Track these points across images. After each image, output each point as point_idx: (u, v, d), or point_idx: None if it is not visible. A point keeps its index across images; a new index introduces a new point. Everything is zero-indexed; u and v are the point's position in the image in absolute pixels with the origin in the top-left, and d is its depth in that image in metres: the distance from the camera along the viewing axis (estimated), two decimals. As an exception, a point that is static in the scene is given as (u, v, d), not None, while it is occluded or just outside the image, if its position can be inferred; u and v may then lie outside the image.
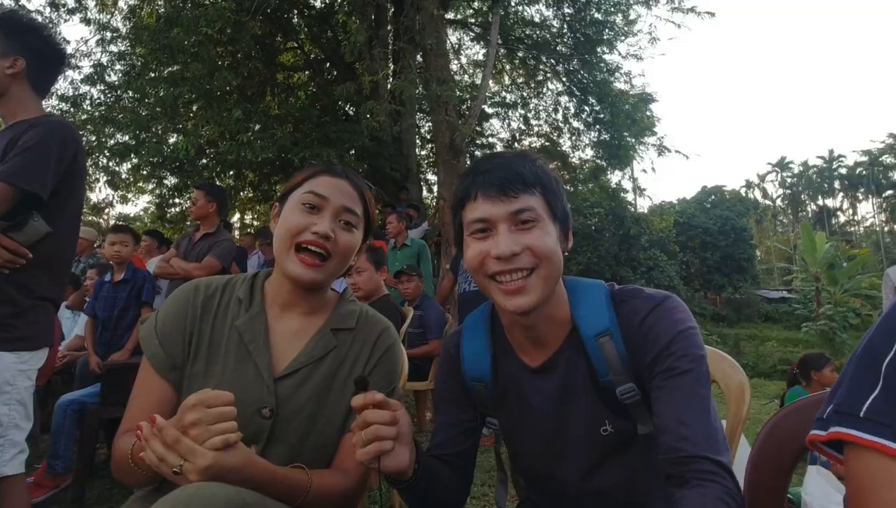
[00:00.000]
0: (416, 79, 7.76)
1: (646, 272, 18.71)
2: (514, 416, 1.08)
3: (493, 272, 0.92)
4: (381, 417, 0.87)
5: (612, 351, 0.95)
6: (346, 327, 1.14)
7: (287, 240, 1.06)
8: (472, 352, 1.09)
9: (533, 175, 0.94)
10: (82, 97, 8.93)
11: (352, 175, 1.15)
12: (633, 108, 11.67)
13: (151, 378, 1.04)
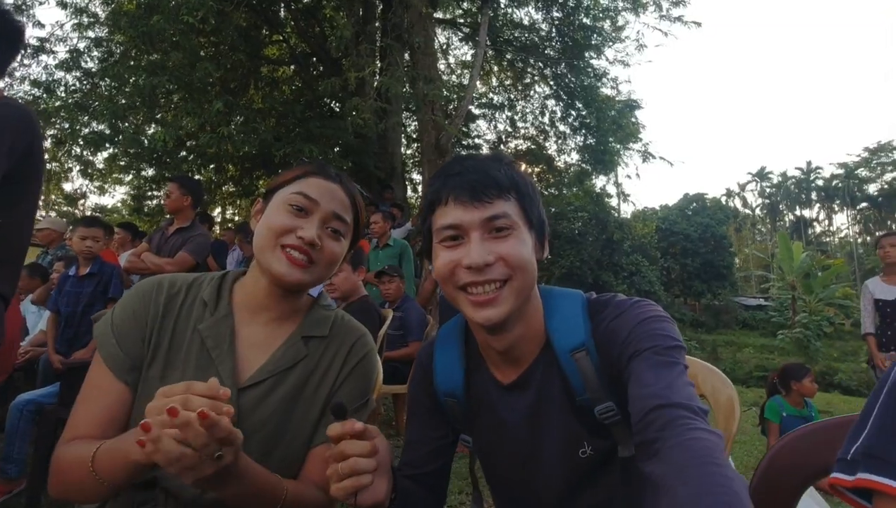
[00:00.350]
0: (402, 76, 7.66)
1: (627, 277, 18.87)
2: (487, 435, 1.02)
3: (464, 283, 0.87)
4: (360, 449, 0.79)
5: (589, 366, 0.89)
6: (319, 334, 1.06)
7: (270, 239, 0.98)
8: (444, 365, 1.03)
9: (508, 179, 0.90)
10: (56, 83, 8.63)
11: (345, 180, 1.08)
12: (619, 114, 11.74)
13: (106, 378, 0.94)
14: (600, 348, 0.89)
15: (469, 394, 1.01)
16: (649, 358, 0.80)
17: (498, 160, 0.93)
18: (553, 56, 11.10)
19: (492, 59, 11.99)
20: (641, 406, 0.75)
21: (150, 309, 0.99)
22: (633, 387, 0.79)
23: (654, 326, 0.85)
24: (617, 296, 0.95)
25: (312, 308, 1.11)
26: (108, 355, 0.95)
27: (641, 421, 0.73)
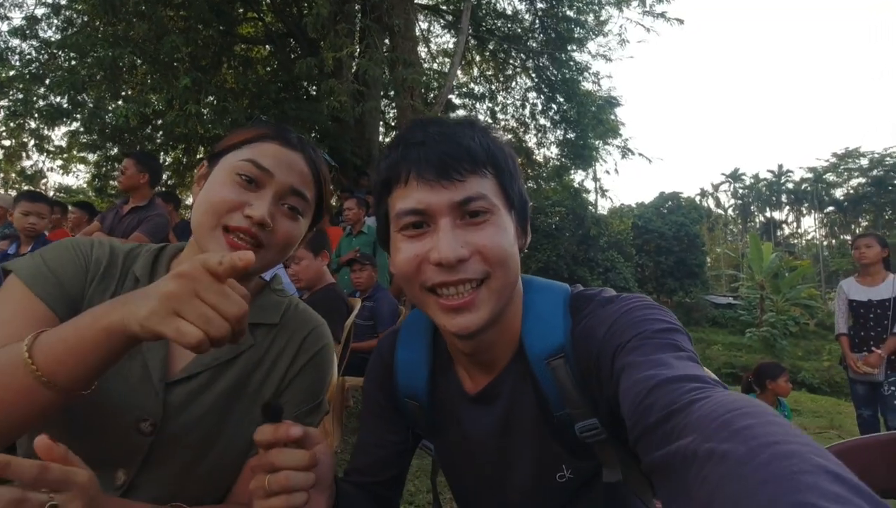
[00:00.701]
0: (382, 60, 7.42)
1: (603, 273, 19.00)
2: (451, 447, 0.89)
3: (433, 283, 0.70)
4: (296, 460, 0.64)
5: (567, 376, 0.74)
6: (268, 322, 0.90)
7: (211, 216, 0.79)
8: (407, 362, 0.88)
9: (483, 149, 0.72)
10: (10, 51, 8.12)
11: (308, 146, 0.90)
12: (600, 110, 11.71)
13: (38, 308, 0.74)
14: (577, 351, 0.74)
15: (433, 398, 0.87)
16: (638, 346, 0.64)
17: (470, 125, 0.75)
18: (535, 48, 10.98)
19: (474, 48, 11.82)
20: (636, 392, 0.56)
21: (91, 263, 0.82)
22: (623, 383, 0.61)
23: (640, 314, 0.69)
24: (604, 290, 0.80)
25: (262, 292, 0.94)
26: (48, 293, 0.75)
27: (638, 408, 0.54)
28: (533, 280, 0.84)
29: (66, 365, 0.60)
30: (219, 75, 9.38)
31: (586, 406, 0.74)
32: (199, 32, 8.31)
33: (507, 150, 0.76)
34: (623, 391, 0.60)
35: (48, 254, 0.80)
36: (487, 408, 0.82)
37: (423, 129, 0.73)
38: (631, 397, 0.57)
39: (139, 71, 8.31)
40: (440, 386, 0.87)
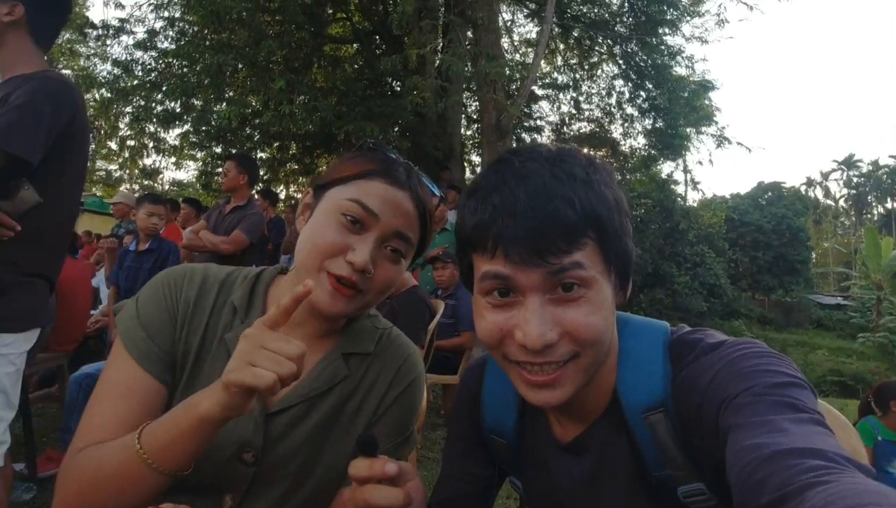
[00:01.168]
0: (464, 54, 7.44)
1: (691, 268, 17.94)
2: (539, 493, 0.84)
3: (520, 360, 0.65)
4: (391, 499, 0.64)
5: (667, 433, 0.67)
6: (362, 351, 0.91)
7: (315, 258, 0.80)
8: (494, 399, 0.84)
9: (584, 214, 0.62)
10: (135, 63, 9.03)
11: (417, 184, 0.86)
12: (693, 95, 11.00)
13: (138, 376, 0.79)
14: (678, 404, 0.66)
15: (521, 439, 0.83)
16: (747, 403, 0.56)
17: (570, 176, 0.63)
18: (623, 33, 10.51)
19: (557, 36, 11.51)
20: (745, 463, 0.50)
21: (180, 304, 0.84)
22: (729, 447, 0.54)
23: (751, 363, 0.61)
24: (709, 334, 0.71)
25: (356, 318, 0.93)
26: (139, 353, 0.79)
27: (747, 482, 0.48)
28: (629, 321, 0.76)
29: (170, 451, 0.67)
30: (309, 75, 9.84)
31: (690, 468, 0.67)
32: (292, 35, 8.77)
33: (613, 199, 0.66)
34: (730, 457, 0.54)
35: (143, 304, 0.84)
36: (577, 459, 0.77)
37: (512, 190, 0.63)
38: (738, 468, 0.51)
39: (240, 75, 8.93)
40: (529, 429, 0.83)
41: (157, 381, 0.79)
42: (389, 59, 7.52)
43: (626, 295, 0.71)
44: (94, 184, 18.16)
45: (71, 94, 1.59)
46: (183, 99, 8.17)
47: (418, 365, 0.96)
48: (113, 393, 0.78)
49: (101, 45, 10.10)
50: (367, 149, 0.89)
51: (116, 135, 10.92)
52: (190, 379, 0.83)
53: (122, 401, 0.77)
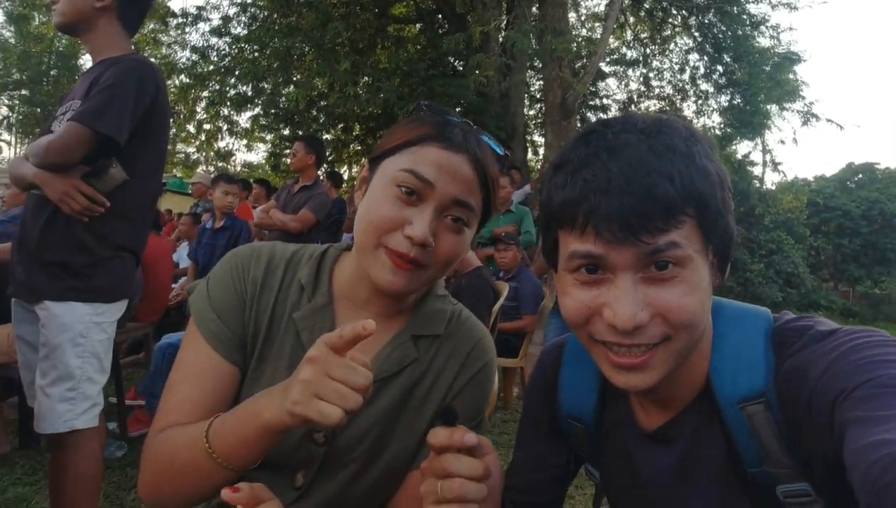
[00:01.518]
0: (530, 30, 7.24)
1: (766, 256, 16.86)
2: (619, 482, 0.79)
3: (607, 341, 0.61)
4: (471, 470, 0.62)
5: (767, 426, 0.61)
6: (432, 333, 0.87)
7: (371, 235, 0.76)
8: (573, 383, 0.80)
9: (686, 189, 0.57)
10: (210, 49, 9.46)
11: (473, 144, 0.79)
12: (777, 69, 10.20)
13: (210, 358, 0.80)
14: (782, 396, 0.60)
15: (601, 425, 0.79)
16: (870, 396, 0.50)
17: (668, 149, 0.58)
18: (701, 2, 9.84)
19: (627, 8, 10.97)
20: (870, 462, 0.45)
21: (248, 284, 0.83)
22: (849, 444, 0.49)
23: (874, 353, 0.54)
24: (819, 321, 0.64)
25: (425, 299, 0.90)
26: (210, 333, 0.80)
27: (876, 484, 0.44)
28: (725, 306, 0.70)
29: (237, 453, 0.67)
30: (373, 56, 9.95)
31: (793, 465, 0.61)
32: (357, 17, 8.88)
33: (716, 173, 0.60)
34: (850, 455, 0.48)
35: (213, 286, 0.84)
36: (664, 449, 0.71)
37: (605, 164, 0.58)
38: (863, 467, 0.46)
39: (307, 58, 9.16)
40: (610, 414, 0.78)
41: (228, 362, 0.80)
42: (453, 37, 7.46)
43: (724, 277, 0.65)
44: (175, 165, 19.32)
45: (153, 76, 1.66)
46: (254, 82, 8.51)
47: (490, 349, 0.92)
48: (187, 374, 0.80)
49: (181, 32, 10.63)
50: (421, 112, 0.84)
51: (194, 119, 11.54)
52: (259, 358, 0.83)
53: (195, 383, 0.79)
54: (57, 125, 1.64)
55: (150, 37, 11.41)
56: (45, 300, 1.57)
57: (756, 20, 9.86)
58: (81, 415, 1.60)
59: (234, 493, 0.60)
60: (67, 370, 1.57)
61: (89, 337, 1.61)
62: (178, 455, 0.72)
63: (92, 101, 1.54)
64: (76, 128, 1.52)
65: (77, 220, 1.58)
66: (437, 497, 0.63)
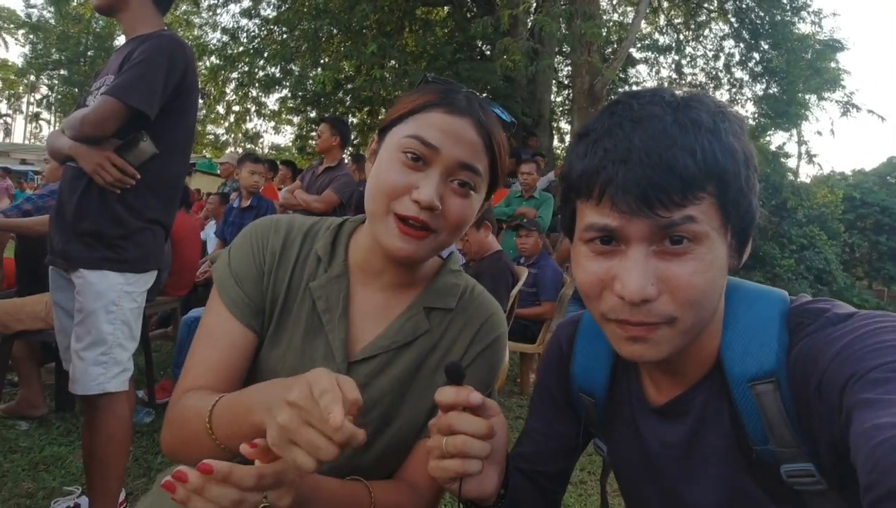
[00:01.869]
0: (559, 14, 7.11)
1: (797, 251, 16.38)
2: (625, 456, 0.81)
3: (617, 318, 0.61)
4: (475, 427, 0.64)
5: (776, 405, 0.61)
6: (444, 306, 0.89)
7: (380, 202, 0.78)
8: (586, 356, 0.81)
9: (706, 165, 0.56)
10: (240, 30, 9.56)
11: (477, 109, 0.81)
12: (817, 57, 9.82)
13: (228, 323, 0.83)
14: (794, 376, 0.60)
15: (611, 398, 0.80)
16: (883, 379, 0.49)
17: (694, 123, 0.57)
18: (739, -14, 9.53)
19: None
20: (878, 442, 0.45)
21: (267, 254, 0.86)
22: (857, 425, 0.48)
23: (887, 338, 0.53)
24: (836, 304, 0.64)
25: (439, 272, 0.92)
26: (230, 299, 0.83)
27: (880, 464, 0.44)
28: (741, 286, 0.69)
29: (234, 442, 0.66)
30: (401, 40, 9.91)
31: (798, 446, 0.61)
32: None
33: (742, 152, 0.59)
34: (856, 436, 0.48)
35: (234, 254, 0.86)
36: (671, 424, 0.72)
37: (626, 133, 0.58)
38: (870, 447, 0.45)
39: (335, 40, 9.19)
40: (620, 388, 0.79)
41: (245, 327, 0.83)
42: (480, 20, 7.38)
43: (742, 259, 0.65)
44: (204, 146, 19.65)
45: (183, 53, 1.70)
46: (282, 64, 8.57)
47: (501, 324, 0.93)
48: (207, 337, 0.83)
49: (212, 14, 10.77)
50: (426, 83, 0.86)
51: (223, 100, 11.71)
52: (277, 325, 0.85)
53: (214, 348, 0.82)
54: (91, 99, 1.69)
55: (182, 18, 11.57)
56: (80, 268, 1.64)
57: (797, 5, 9.49)
58: (113, 379, 1.67)
59: (253, 448, 0.61)
60: (100, 335, 1.65)
61: (121, 306, 1.68)
62: (187, 426, 0.75)
63: (124, 76, 1.60)
64: (109, 102, 1.57)
65: (110, 193, 1.64)
66: (441, 452, 0.65)
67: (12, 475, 2.15)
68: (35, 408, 2.70)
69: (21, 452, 2.35)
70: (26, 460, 2.28)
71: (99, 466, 1.70)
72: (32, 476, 2.17)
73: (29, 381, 2.70)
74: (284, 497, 0.62)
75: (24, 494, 2.04)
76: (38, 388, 2.73)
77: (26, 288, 2.87)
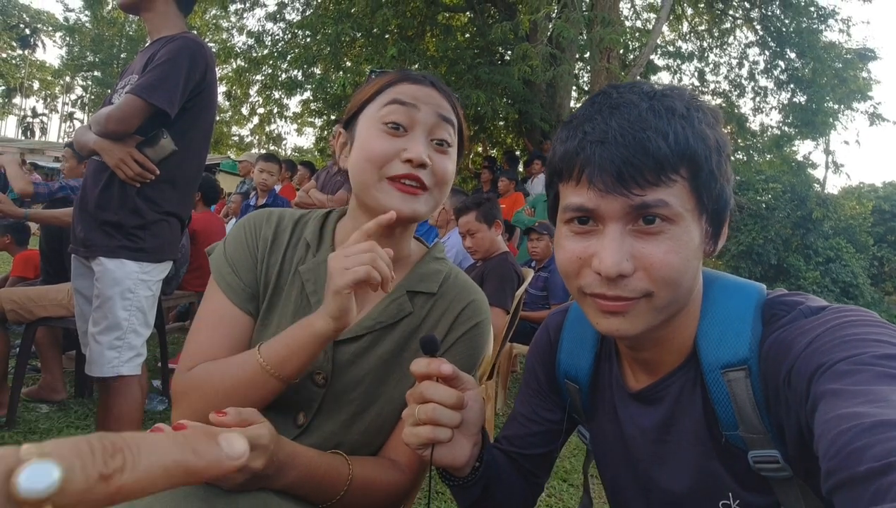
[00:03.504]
0: (579, 20, 7.12)
1: (823, 264, 15.99)
2: (604, 439, 0.83)
3: (592, 293, 0.64)
4: (444, 396, 0.68)
5: (745, 393, 0.63)
6: (426, 290, 0.93)
7: (371, 172, 0.83)
8: (572, 343, 0.84)
9: (678, 148, 0.59)
10: (265, 34, 9.78)
11: (437, 81, 0.89)
12: (846, 66, 9.61)
13: (227, 307, 0.88)
14: (765, 366, 0.62)
15: (594, 384, 0.83)
16: (849, 371, 0.51)
17: (668, 110, 0.61)
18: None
19: (685, 0, 10.58)
20: (841, 430, 0.46)
21: (259, 242, 0.92)
22: (822, 413, 0.50)
23: (859, 331, 0.55)
24: (811, 298, 0.66)
25: (423, 259, 0.96)
26: (227, 285, 0.88)
27: (843, 450, 0.45)
28: (720, 278, 0.72)
29: (290, 362, 0.77)
30: (422, 44, 10.01)
31: (766, 433, 0.63)
32: (407, 4, 8.96)
33: (715, 140, 0.62)
34: (821, 424, 0.49)
35: (229, 243, 0.92)
36: (646, 409, 0.75)
37: (604, 117, 0.62)
38: (832, 435, 0.47)
39: (357, 44, 9.33)
40: (602, 374, 0.82)
41: (242, 311, 0.88)
42: (500, 25, 7.41)
43: (717, 247, 0.68)
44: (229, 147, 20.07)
45: (203, 54, 1.79)
46: (305, 67, 8.72)
47: (483, 310, 0.96)
48: (208, 321, 0.88)
49: (239, 18, 11.05)
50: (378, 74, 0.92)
51: (248, 102, 11.97)
52: (269, 307, 0.90)
53: (214, 329, 0.87)
54: (117, 97, 1.78)
55: (211, 23, 11.87)
56: (99, 256, 1.73)
57: (825, 12, 9.31)
58: (126, 363, 1.75)
59: (222, 416, 0.67)
60: (116, 320, 1.73)
61: (136, 293, 1.76)
62: (229, 375, 0.80)
63: (148, 76, 1.68)
64: (133, 101, 1.66)
65: (130, 186, 1.73)
66: (414, 419, 0.69)
67: (32, 454, 2.25)
68: (56, 393, 2.82)
69: (40, 433, 2.46)
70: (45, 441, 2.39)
71: (111, 445, 1.78)
72: (50, 455, 2.27)
73: (51, 367, 2.82)
74: (257, 460, 0.66)
75: (42, 472, 2.14)
76: (59, 374, 2.85)
77: (51, 278, 3.00)
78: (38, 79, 51.68)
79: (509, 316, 2.67)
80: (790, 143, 11.39)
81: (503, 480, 0.84)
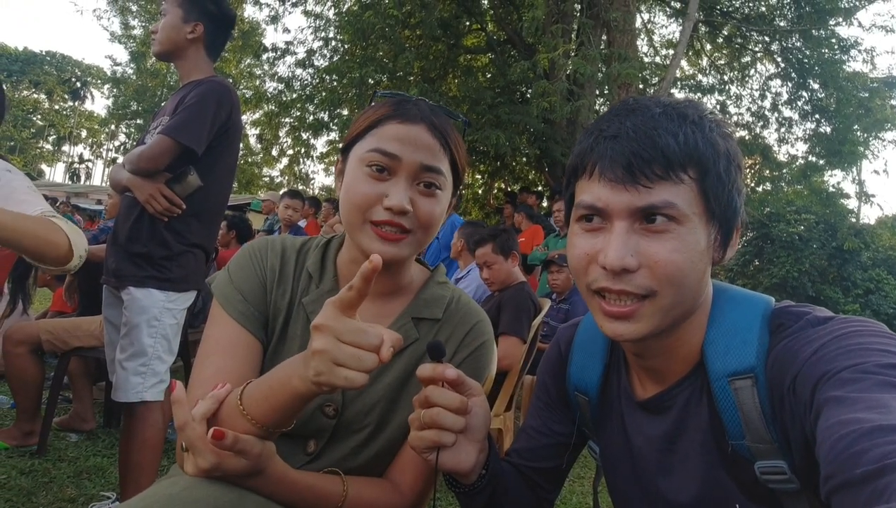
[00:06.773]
0: (597, 57, 7.28)
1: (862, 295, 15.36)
2: (612, 449, 0.83)
3: (598, 287, 0.66)
4: (448, 401, 0.69)
5: (752, 401, 0.64)
6: (431, 317, 0.93)
7: (355, 214, 0.84)
8: (582, 356, 0.86)
9: (686, 148, 0.62)
10: (294, 79, 10.28)
11: (429, 114, 0.86)
12: (872, 95, 9.51)
13: (239, 334, 0.86)
14: (771, 375, 0.63)
15: (603, 396, 0.84)
16: (852, 379, 0.52)
17: (680, 116, 0.64)
18: (784, 26, 9.43)
19: (704, 36, 10.72)
20: (841, 435, 0.47)
21: (267, 271, 0.91)
22: (824, 420, 0.51)
23: (863, 341, 0.56)
24: (818, 309, 0.67)
25: (426, 285, 0.96)
26: (238, 312, 0.86)
27: (842, 454, 0.46)
28: (729, 289, 0.73)
29: (271, 417, 0.70)
30: (444, 85, 10.34)
31: (772, 442, 0.63)
32: (429, 48, 9.32)
33: (725, 147, 0.65)
34: (823, 430, 0.50)
35: (235, 272, 0.90)
36: (654, 419, 0.75)
37: (620, 119, 0.66)
38: (833, 440, 0.47)
39: (381, 86, 9.71)
40: (611, 386, 0.83)
41: (255, 338, 0.86)
42: (519, 64, 7.62)
43: (725, 254, 0.69)
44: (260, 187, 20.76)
45: (229, 97, 1.91)
46: (331, 109, 9.09)
47: (487, 331, 0.96)
48: (218, 349, 0.84)
49: (271, 65, 11.66)
50: (378, 98, 0.92)
51: (277, 144, 12.47)
52: (279, 339, 0.89)
53: (227, 356, 0.83)
54: (149, 137, 1.91)
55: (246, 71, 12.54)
56: (129, 285, 1.82)
57: (846, 44, 9.29)
58: (150, 388, 1.82)
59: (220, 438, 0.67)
60: (142, 347, 1.81)
61: (162, 321, 1.83)
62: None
63: (178, 118, 1.80)
64: (164, 141, 1.78)
65: (159, 219, 1.84)
66: (419, 423, 0.71)
67: (58, 481, 2.31)
68: (85, 422, 2.90)
69: (68, 461, 2.52)
70: (72, 468, 2.45)
71: (133, 469, 1.83)
72: (76, 483, 2.32)
73: (82, 397, 2.92)
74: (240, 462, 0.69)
75: (67, 499, 2.19)
76: (89, 404, 2.94)
77: (86, 311, 3.14)
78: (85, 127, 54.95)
79: (526, 345, 2.66)
80: (818, 174, 11.20)
81: (511, 492, 0.85)
